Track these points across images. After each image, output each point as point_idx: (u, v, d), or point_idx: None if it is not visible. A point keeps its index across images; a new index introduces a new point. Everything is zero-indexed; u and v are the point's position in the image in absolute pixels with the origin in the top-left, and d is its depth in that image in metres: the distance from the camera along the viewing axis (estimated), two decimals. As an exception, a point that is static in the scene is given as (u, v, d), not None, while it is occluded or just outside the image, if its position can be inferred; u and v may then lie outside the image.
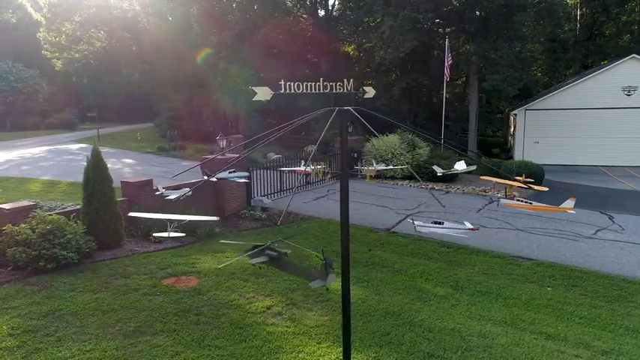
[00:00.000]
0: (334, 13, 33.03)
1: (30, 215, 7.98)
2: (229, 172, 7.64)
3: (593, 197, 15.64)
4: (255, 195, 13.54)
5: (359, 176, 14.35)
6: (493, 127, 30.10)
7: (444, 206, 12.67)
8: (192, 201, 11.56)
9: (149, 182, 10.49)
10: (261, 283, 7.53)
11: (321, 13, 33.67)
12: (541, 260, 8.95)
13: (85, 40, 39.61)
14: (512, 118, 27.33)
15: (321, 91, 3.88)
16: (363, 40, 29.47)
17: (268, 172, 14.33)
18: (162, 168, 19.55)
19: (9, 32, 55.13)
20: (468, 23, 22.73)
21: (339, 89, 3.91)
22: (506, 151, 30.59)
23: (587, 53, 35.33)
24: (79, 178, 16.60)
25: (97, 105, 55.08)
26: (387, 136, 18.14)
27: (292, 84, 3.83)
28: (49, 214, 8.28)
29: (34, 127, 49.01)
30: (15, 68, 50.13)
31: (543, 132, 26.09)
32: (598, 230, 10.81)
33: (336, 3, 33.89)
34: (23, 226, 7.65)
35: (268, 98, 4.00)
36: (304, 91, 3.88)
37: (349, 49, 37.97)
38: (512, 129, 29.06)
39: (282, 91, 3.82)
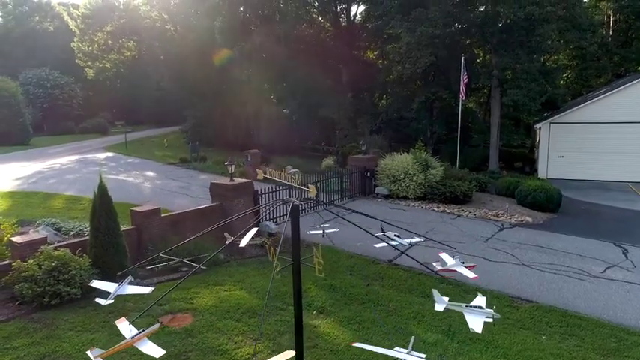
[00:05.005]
0: (356, 22, 33.01)
1: (39, 250, 8.42)
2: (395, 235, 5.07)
3: (611, 223, 15.13)
4: (263, 218, 13.74)
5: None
6: (518, 139, 29.43)
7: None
8: (199, 227, 11.89)
9: (157, 211, 10.86)
10: (253, 324, 7.71)
11: (343, 23, 33.77)
12: (541, 303, 8.76)
13: (115, 50, 41.00)
14: (537, 131, 26.64)
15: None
16: (383, 52, 29.35)
17: (276, 192, 14.43)
18: (180, 183, 20.06)
19: (47, 40, 57.56)
20: (489, 36, 22.31)
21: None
22: (532, 162, 29.79)
23: (620, 61, 34.03)
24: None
25: (126, 110, 56.81)
26: (400, 154, 18.04)
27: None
28: (58, 246, 8.72)
29: (68, 132, 51.07)
30: (52, 75, 52.32)
31: (569, 146, 25.34)
32: (607, 268, 10.47)
33: (358, 13, 33.88)
34: (31, 261, 8.09)
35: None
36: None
37: (372, 55, 37.84)
38: (537, 140, 28.32)
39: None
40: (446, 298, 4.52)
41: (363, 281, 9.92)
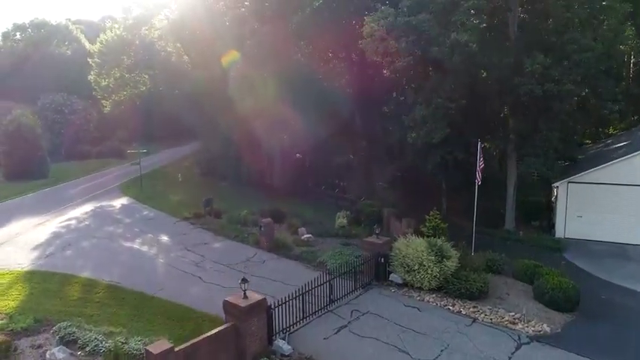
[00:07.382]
0: (369, 72, 32.72)
1: None
2: None
3: (636, 330, 14.71)
4: (277, 326, 13.62)
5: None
6: (535, 195, 28.96)
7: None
8: (214, 355, 11.91)
9: (171, 349, 10.87)
10: None
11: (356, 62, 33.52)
12: None
13: (131, 85, 41.41)
14: (554, 189, 26.16)
15: None
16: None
17: (288, 303, 13.95)
18: (194, 255, 20.12)
19: (64, 63, 58.33)
20: (506, 102, 21.92)
21: None
22: (550, 212, 29.19)
23: (638, 102, 33.26)
24: (115, 273, 17.67)
25: (142, 128, 56.59)
26: (415, 237, 17.84)
27: None
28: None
29: (85, 156, 51.72)
30: (69, 100, 53.10)
31: (587, 206, 24.81)
32: None
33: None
34: None
35: None
36: None
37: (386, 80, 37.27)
38: (555, 195, 27.78)
39: None
40: None
41: None
